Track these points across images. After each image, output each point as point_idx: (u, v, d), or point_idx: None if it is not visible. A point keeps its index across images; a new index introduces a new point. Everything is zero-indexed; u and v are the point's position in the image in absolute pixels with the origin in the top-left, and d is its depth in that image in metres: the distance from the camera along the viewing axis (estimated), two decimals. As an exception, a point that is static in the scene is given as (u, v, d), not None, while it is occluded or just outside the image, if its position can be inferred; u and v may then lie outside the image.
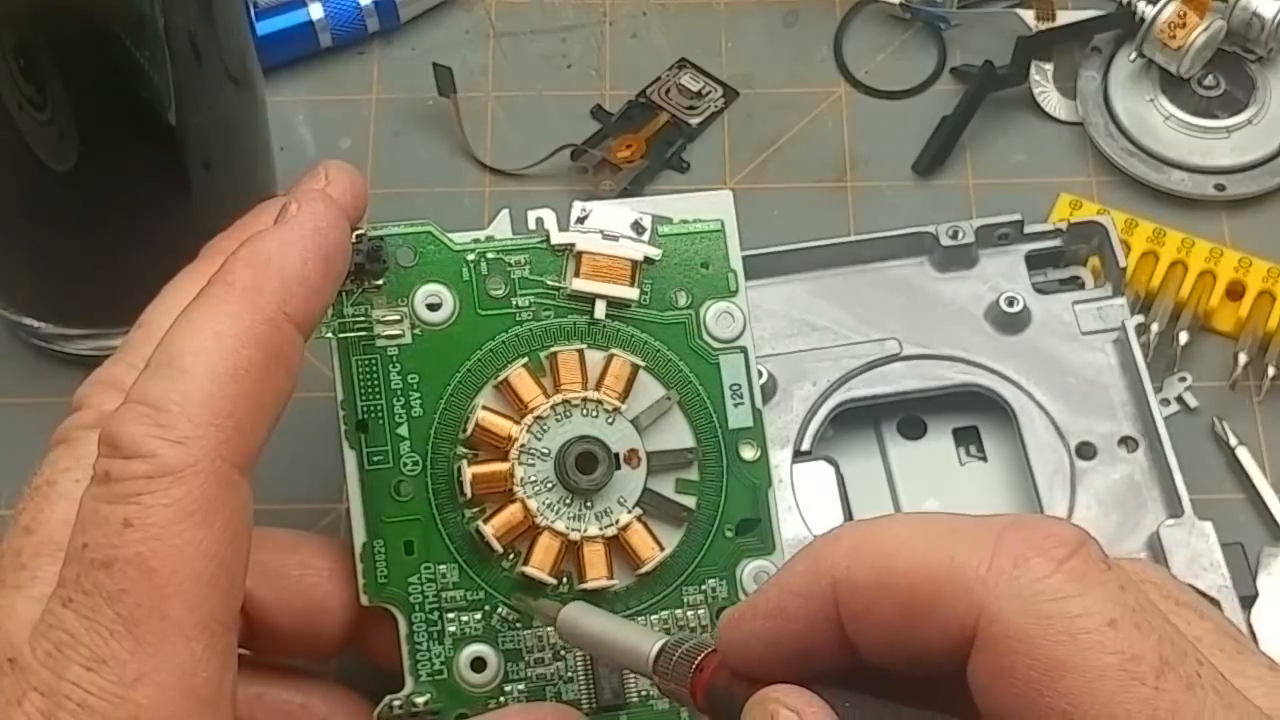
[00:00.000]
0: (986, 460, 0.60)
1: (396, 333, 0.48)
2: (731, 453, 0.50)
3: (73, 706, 0.37)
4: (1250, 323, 0.62)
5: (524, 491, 0.48)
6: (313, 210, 0.43)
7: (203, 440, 0.39)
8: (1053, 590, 0.35)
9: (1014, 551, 0.35)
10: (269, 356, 0.41)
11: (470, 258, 0.49)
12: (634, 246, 0.50)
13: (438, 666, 0.47)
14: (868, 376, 0.58)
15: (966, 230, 0.60)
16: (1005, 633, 0.35)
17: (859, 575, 0.37)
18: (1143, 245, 0.64)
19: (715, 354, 0.50)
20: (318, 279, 0.43)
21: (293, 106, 0.69)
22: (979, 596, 0.35)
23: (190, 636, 0.38)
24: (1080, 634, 0.35)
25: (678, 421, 0.49)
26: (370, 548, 0.47)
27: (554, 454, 0.48)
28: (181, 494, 0.38)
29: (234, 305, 0.41)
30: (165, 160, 0.57)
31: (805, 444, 0.57)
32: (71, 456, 0.43)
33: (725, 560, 0.49)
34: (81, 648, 0.38)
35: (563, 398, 0.48)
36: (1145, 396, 0.57)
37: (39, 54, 0.52)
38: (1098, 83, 0.69)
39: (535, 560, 0.48)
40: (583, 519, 0.48)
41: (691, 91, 0.70)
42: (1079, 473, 0.57)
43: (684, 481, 0.49)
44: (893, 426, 0.60)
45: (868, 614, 0.37)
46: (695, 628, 0.49)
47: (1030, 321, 0.59)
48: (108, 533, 0.38)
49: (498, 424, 0.48)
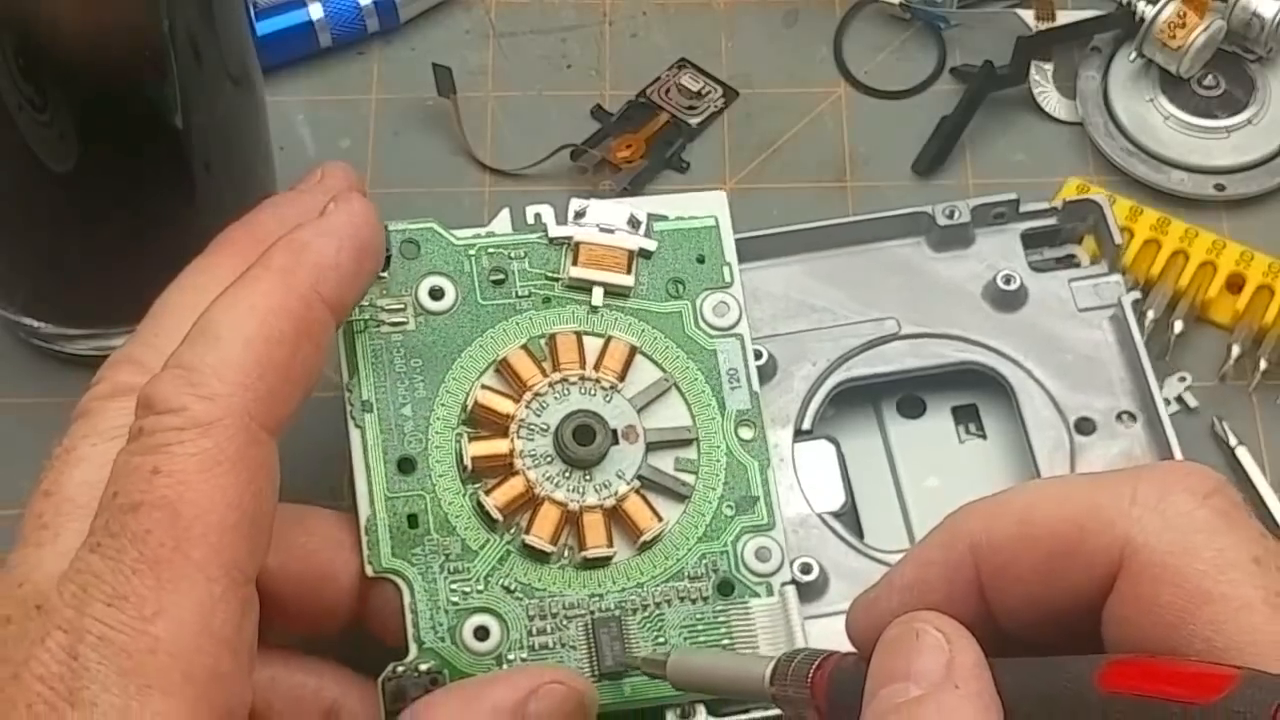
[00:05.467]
0: (986, 438, 0.61)
1: (401, 320, 0.51)
2: (730, 434, 0.52)
3: (93, 639, 0.39)
4: (1247, 316, 0.63)
5: (524, 464, 0.50)
6: (349, 207, 0.47)
7: (231, 398, 0.42)
8: (1199, 523, 0.37)
9: (1158, 487, 0.37)
10: (300, 331, 0.44)
11: (471, 252, 0.52)
12: (630, 238, 0.53)
13: (441, 635, 0.49)
14: (867, 356, 0.59)
15: (963, 210, 0.60)
16: (1152, 560, 0.37)
17: (1000, 532, 0.39)
18: (1146, 233, 0.65)
19: (713, 341, 0.52)
20: (351, 267, 0.46)
21: (293, 106, 0.70)
22: (1123, 529, 0.37)
23: (211, 578, 0.40)
24: (1228, 566, 0.36)
25: (675, 403, 0.52)
26: (375, 521, 0.49)
27: (552, 428, 0.51)
28: (209, 444, 0.41)
29: (269, 283, 0.44)
30: (165, 161, 0.58)
31: (806, 423, 0.58)
32: (88, 425, 0.45)
33: (726, 536, 0.51)
34: (105, 585, 0.39)
35: (561, 376, 0.51)
36: (1143, 371, 0.58)
37: (40, 55, 0.53)
38: (1098, 83, 0.69)
39: (536, 529, 0.50)
40: (582, 490, 0.50)
41: (691, 91, 0.70)
42: (1078, 448, 0.58)
43: (683, 460, 0.52)
44: (892, 405, 0.61)
45: (1009, 569, 0.39)
46: (698, 599, 0.51)
47: (1027, 299, 0.60)
48: (137, 480, 0.40)
49: (497, 402, 0.51)
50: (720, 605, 0.51)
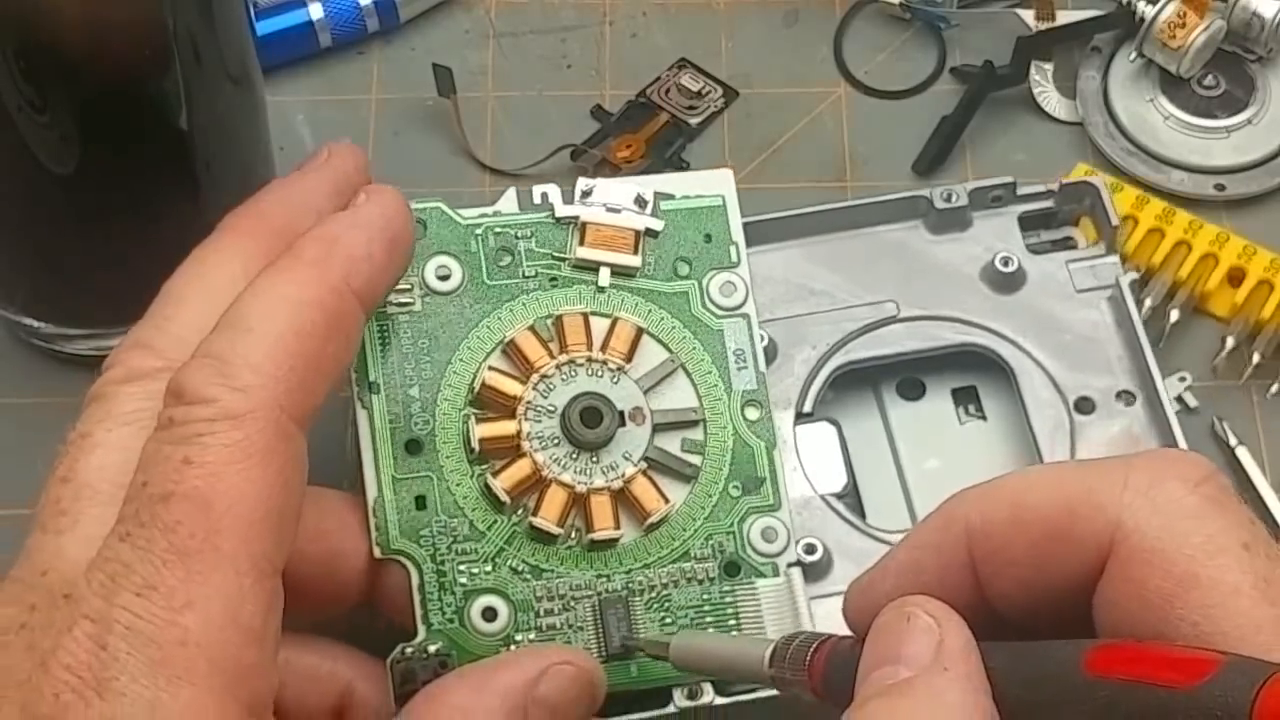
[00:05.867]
0: (985, 419, 0.61)
1: (407, 300, 0.51)
2: (736, 414, 0.52)
3: (121, 630, 0.39)
4: (1245, 310, 0.64)
5: (531, 446, 0.50)
6: (380, 199, 0.47)
7: (263, 390, 0.41)
8: (1190, 509, 0.37)
9: (1150, 474, 0.38)
10: (330, 322, 0.44)
11: (478, 231, 0.52)
12: (637, 218, 0.53)
13: (449, 616, 0.49)
14: (866, 339, 0.60)
15: (960, 193, 0.61)
16: (1141, 545, 0.37)
17: (993, 516, 0.39)
18: (1151, 222, 0.65)
19: (719, 321, 0.53)
20: (382, 258, 0.46)
21: (293, 106, 0.70)
22: (1114, 514, 0.37)
23: (240, 571, 0.40)
24: (1217, 552, 0.37)
25: (682, 383, 0.52)
26: (382, 502, 0.50)
27: (560, 410, 0.51)
28: (240, 437, 0.41)
29: (300, 274, 0.44)
30: (165, 161, 0.58)
31: (807, 406, 0.58)
32: (103, 410, 0.44)
33: (732, 517, 0.51)
34: (135, 575, 0.39)
35: (568, 358, 0.51)
36: (1141, 351, 0.59)
37: (40, 54, 0.53)
38: (1098, 83, 0.70)
39: (544, 511, 0.50)
40: (589, 472, 0.50)
41: (691, 91, 0.70)
42: (1078, 427, 0.58)
43: (690, 441, 0.52)
44: (892, 388, 0.61)
45: (1002, 552, 0.39)
46: (704, 580, 0.51)
47: (1025, 281, 0.60)
48: (167, 470, 0.40)
49: (505, 383, 0.51)
50: (726, 586, 0.51)
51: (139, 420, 0.43)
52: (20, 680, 0.39)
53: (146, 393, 0.43)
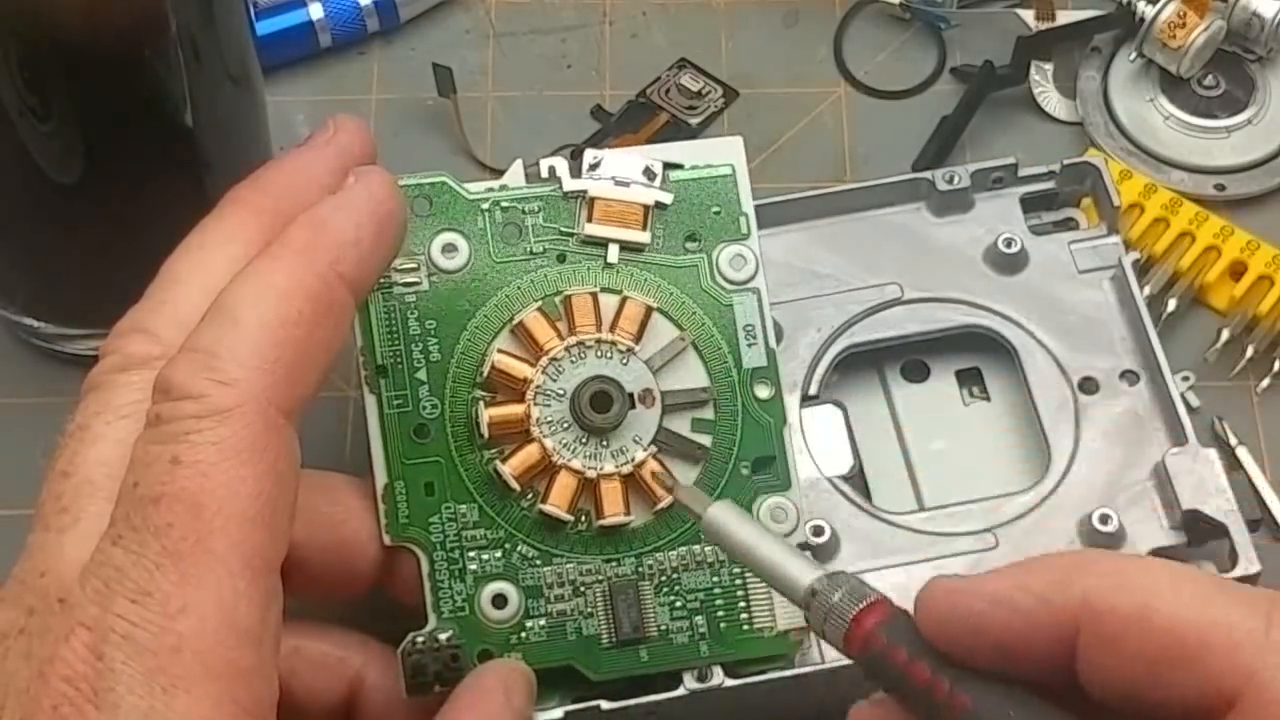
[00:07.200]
0: (990, 400, 0.61)
1: (414, 280, 0.51)
2: (746, 392, 0.52)
3: (117, 639, 0.38)
4: (1243, 303, 0.64)
5: (541, 431, 0.50)
6: (368, 181, 0.46)
7: (249, 383, 0.41)
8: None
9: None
10: (318, 310, 0.43)
11: (485, 206, 0.52)
12: (646, 191, 0.53)
13: (459, 603, 0.49)
14: (870, 321, 0.60)
15: (962, 175, 0.61)
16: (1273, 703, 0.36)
17: (1118, 606, 0.37)
18: (1157, 210, 0.65)
19: (729, 295, 0.52)
20: (370, 242, 0.45)
21: (293, 106, 0.70)
22: (1249, 660, 0.36)
23: (234, 571, 0.40)
24: None
25: (692, 362, 0.52)
26: (391, 489, 0.50)
27: (569, 394, 0.50)
28: (228, 433, 0.40)
29: (287, 262, 0.43)
30: (165, 161, 0.58)
31: (812, 389, 0.58)
32: (101, 401, 0.44)
33: (742, 497, 0.51)
34: (128, 581, 0.39)
35: (577, 339, 0.51)
36: (1145, 330, 0.59)
37: (40, 54, 0.53)
38: (1097, 83, 0.70)
39: (553, 498, 0.50)
40: (599, 457, 0.50)
41: (691, 91, 0.70)
42: (1082, 408, 0.58)
43: (699, 420, 0.51)
44: (896, 370, 0.61)
45: (1115, 646, 0.37)
46: (714, 563, 0.51)
47: (1028, 262, 0.60)
48: (157, 471, 0.40)
49: (514, 366, 0.50)
50: (736, 569, 0.50)
51: (137, 413, 0.42)
52: (19, 689, 0.39)
53: (144, 382, 0.43)
